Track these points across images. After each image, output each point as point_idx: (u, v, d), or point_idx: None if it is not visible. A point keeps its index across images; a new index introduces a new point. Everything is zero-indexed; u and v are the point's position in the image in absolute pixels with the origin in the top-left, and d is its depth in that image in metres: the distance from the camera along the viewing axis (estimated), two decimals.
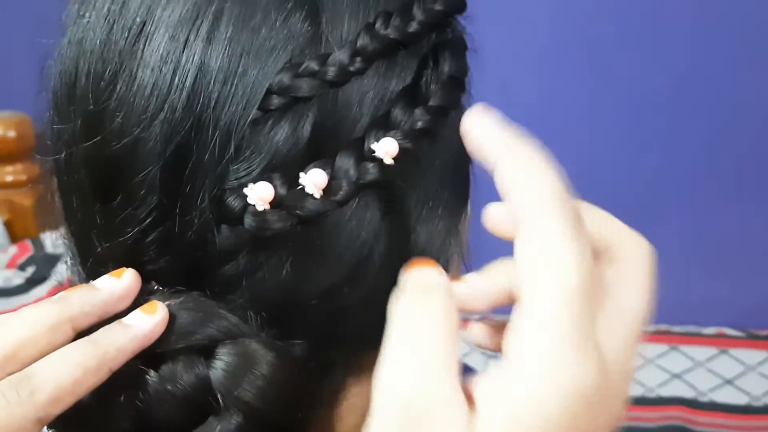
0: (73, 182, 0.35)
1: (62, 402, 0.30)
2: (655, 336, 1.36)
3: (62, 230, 0.38)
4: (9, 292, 1.43)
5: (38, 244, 1.56)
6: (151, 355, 0.32)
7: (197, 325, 0.32)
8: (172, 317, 0.32)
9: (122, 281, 0.33)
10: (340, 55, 0.33)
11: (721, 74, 1.33)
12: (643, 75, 1.35)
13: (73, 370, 0.30)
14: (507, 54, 1.30)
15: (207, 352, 0.32)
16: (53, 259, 1.47)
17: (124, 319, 0.32)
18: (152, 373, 0.32)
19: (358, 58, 0.33)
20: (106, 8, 0.34)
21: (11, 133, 1.60)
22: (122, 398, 0.32)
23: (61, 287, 1.41)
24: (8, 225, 1.63)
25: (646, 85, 1.35)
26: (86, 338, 0.31)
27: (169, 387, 0.32)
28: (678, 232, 1.39)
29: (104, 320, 0.33)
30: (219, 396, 0.32)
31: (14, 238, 1.62)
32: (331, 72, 0.33)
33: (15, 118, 1.61)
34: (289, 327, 0.34)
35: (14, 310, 0.33)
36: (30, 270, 1.49)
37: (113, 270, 0.34)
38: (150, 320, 0.32)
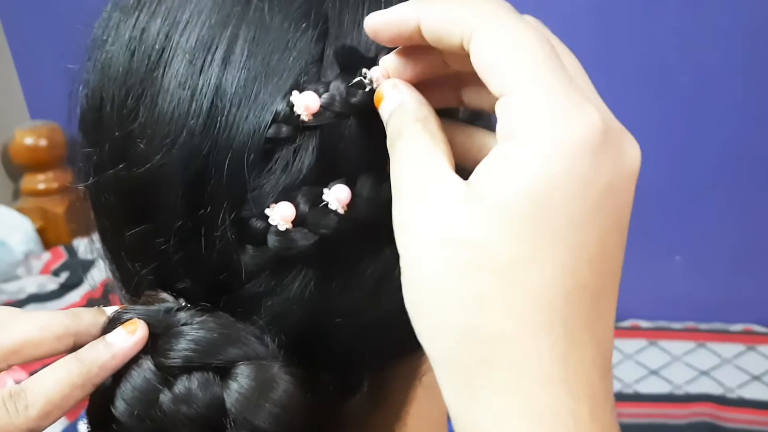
0: (103, 205, 0.36)
1: (52, 416, 0.32)
2: (683, 333, 1.36)
3: (96, 242, 0.39)
4: (43, 298, 1.46)
5: (71, 250, 1.58)
6: (168, 371, 0.32)
7: (217, 344, 0.32)
8: (192, 335, 0.32)
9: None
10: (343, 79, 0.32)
11: (748, 68, 1.32)
12: (668, 72, 1.34)
13: (61, 387, 0.32)
14: None
15: (223, 372, 0.32)
16: (86, 265, 1.49)
17: (107, 337, 0.33)
18: (166, 391, 0.32)
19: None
20: (127, 35, 0.34)
21: (42, 142, 1.63)
22: (135, 413, 0.32)
23: (94, 291, 1.42)
24: (41, 232, 1.66)
25: (671, 80, 1.34)
26: (73, 355, 0.33)
27: (183, 406, 0.32)
28: (704, 229, 1.38)
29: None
30: (231, 418, 0.32)
31: (47, 244, 1.65)
32: (333, 99, 0.32)
33: (46, 127, 1.64)
34: (311, 348, 0.34)
35: None
36: (64, 275, 1.52)
37: (147, 288, 0.35)
38: (130, 339, 0.33)
